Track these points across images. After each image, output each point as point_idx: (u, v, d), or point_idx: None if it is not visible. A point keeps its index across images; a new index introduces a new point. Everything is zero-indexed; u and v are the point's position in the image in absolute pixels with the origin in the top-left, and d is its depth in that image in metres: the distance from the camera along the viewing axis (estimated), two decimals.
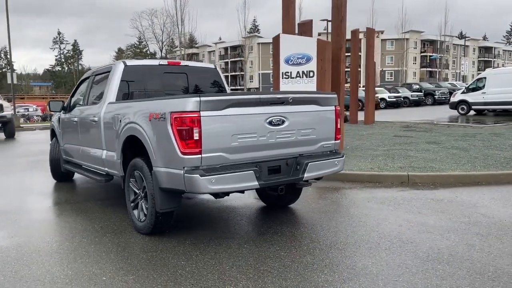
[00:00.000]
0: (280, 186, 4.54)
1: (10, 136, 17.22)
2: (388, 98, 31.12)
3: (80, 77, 6.86)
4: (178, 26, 44.37)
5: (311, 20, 9.63)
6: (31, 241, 4.60)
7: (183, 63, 6.20)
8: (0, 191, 7.41)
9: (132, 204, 4.82)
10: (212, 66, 6.54)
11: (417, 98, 33.31)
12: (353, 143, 11.29)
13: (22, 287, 3.46)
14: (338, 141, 4.99)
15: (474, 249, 4.05)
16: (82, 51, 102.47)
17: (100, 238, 4.60)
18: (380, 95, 29.07)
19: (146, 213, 4.54)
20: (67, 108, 6.95)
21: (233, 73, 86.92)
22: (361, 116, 17.61)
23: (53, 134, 7.73)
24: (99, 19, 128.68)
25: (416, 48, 79.01)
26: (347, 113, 17.17)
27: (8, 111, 17.08)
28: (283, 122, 4.39)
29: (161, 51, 49.92)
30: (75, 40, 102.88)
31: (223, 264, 3.82)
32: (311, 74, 9.05)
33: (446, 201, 5.82)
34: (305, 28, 9.52)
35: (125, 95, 5.60)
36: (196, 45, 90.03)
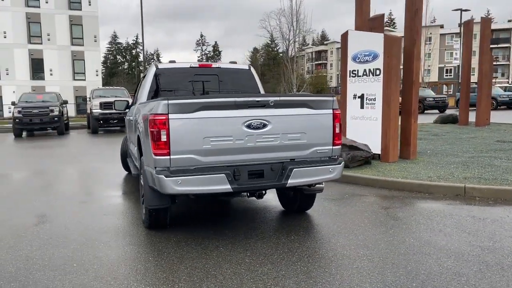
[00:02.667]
0: (258, 192, 4.42)
1: None
2: (500, 97, 27.10)
3: None
4: (301, 24, 44.58)
5: (382, 15, 8.94)
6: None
7: (215, 65, 6.37)
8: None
9: (141, 199, 5.19)
10: (246, 67, 6.57)
11: None
12: (439, 148, 10.22)
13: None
14: (338, 146, 4.65)
15: (457, 280, 3.46)
16: (221, 51, 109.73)
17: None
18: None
19: None
20: (130, 107, 7.67)
21: None
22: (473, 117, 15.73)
23: None
24: (239, 21, 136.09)
25: None
26: (457, 113, 15.48)
27: None
28: (264, 125, 4.27)
29: (287, 49, 50.80)
30: (216, 42, 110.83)
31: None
32: (378, 72, 8.46)
33: (488, 221, 4.99)
34: (376, 23, 8.88)
35: (155, 96, 6.00)
36: (326, 42, 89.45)
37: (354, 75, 8.93)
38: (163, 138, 4.00)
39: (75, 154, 12.62)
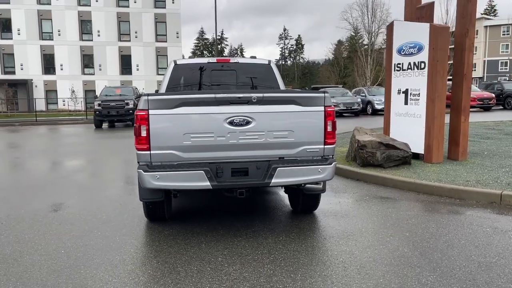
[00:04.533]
0: (240, 190, 4.31)
1: None
2: None
3: (301, 70, 7.51)
4: (384, 15, 42.73)
5: (432, 3, 8.17)
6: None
7: (233, 60, 6.32)
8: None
9: None
10: (265, 61, 6.42)
11: None
12: (502, 148, 9.22)
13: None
14: (331, 146, 4.37)
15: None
16: (303, 45, 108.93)
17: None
18: None
19: None
20: None
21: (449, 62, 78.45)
22: None
23: None
24: (326, 14, 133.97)
25: None
26: None
27: None
28: (247, 122, 4.16)
29: (370, 40, 49.06)
30: (299, 35, 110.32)
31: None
32: (422, 65, 7.83)
33: (510, 234, 4.41)
34: (424, 12, 8.19)
35: (172, 91, 6.12)
36: None
37: (398, 68, 8.37)
38: (143, 133, 4.08)
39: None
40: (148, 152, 4.12)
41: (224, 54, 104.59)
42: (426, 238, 4.32)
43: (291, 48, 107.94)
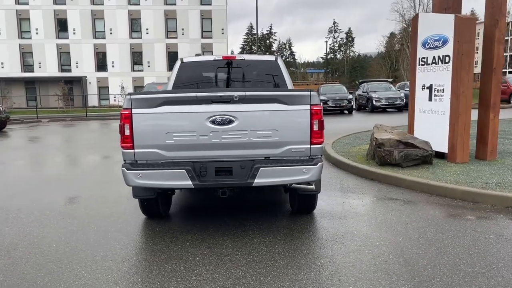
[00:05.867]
0: (222, 189, 4.26)
1: None
2: None
3: (351, 64, 7.51)
4: None
5: None
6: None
7: (239, 57, 6.25)
8: None
9: None
10: (272, 58, 6.30)
11: None
12: None
13: None
14: (318, 145, 4.22)
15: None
16: (354, 38, 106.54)
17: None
18: None
19: None
20: None
21: None
22: None
23: None
24: (379, 6, 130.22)
25: None
26: None
27: None
28: (230, 121, 4.10)
29: None
30: (349, 28, 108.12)
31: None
32: (447, 59, 7.40)
33: None
34: (451, 3, 7.70)
35: (178, 89, 6.17)
36: None
37: (423, 63, 7.96)
38: (127, 132, 4.14)
39: None
40: (132, 150, 4.18)
41: (272, 49, 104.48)
42: (418, 244, 4.09)
43: (340, 42, 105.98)
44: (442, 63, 7.49)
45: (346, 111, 23.89)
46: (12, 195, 6.56)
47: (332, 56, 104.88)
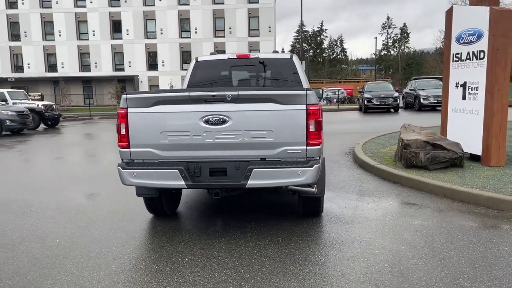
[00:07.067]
0: (215, 190, 4.17)
1: None
2: None
3: (406, 61, 7.50)
4: None
5: None
6: None
7: (253, 55, 6.14)
8: None
9: None
10: (287, 56, 6.12)
11: None
12: None
13: None
14: (315, 147, 4.02)
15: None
16: (409, 33, 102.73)
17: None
18: None
19: None
20: None
21: None
22: None
23: None
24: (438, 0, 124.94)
25: None
26: None
27: None
28: (223, 121, 4.02)
29: None
30: (404, 23, 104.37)
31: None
32: (481, 55, 6.90)
33: None
34: None
35: (193, 87, 6.17)
36: None
37: (457, 59, 7.47)
38: (123, 131, 4.17)
39: None
40: (128, 149, 4.21)
41: (323, 46, 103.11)
42: (421, 254, 3.81)
43: (394, 38, 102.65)
44: (476, 59, 6.99)
45: (392, 110, 23.10)
46: (39, 189, 6.86)
47: (386, 53, 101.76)
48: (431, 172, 6.59)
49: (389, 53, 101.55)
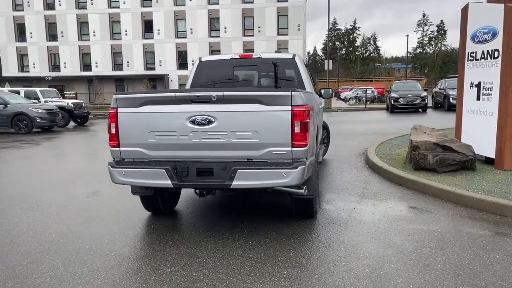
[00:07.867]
0: (200, 190, 4.19)
1: None
2: None
3: (442, 59, 7.51)
4: None
5: None
6: None
7: (256, 55, 6.13)
8: None
9: None
10: (289, 56, 6.08)
11: None
12: None
13: None
14: (301, 148, 3.97)
15: None
16: (446, 31, 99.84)
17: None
18: None
19: None
20: None
21: None
22: None
23: None
24: None
25: None
26: None
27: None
28: (209, 122, 4.04)
29: None
30: (441, 21, 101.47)
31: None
32: (496, 54, 6.64)
33: None
34: None
35: (196, 87, 6.24)
36: None
37: (472, 58, 7.22)
38: (113, 130, 4.26)
39: None
40: (118, 148, 4.30)
41: (355, 44, 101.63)
42: (406, 259, 3.71)
43: (431, 35, 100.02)
44: (491, 58, 6.73)
45: (420, 110, 22.51)
46: (53, 186, 7.10)
47: (421, 51, 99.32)
48: (440, 175, 6.40)
49: (424, 51, 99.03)
